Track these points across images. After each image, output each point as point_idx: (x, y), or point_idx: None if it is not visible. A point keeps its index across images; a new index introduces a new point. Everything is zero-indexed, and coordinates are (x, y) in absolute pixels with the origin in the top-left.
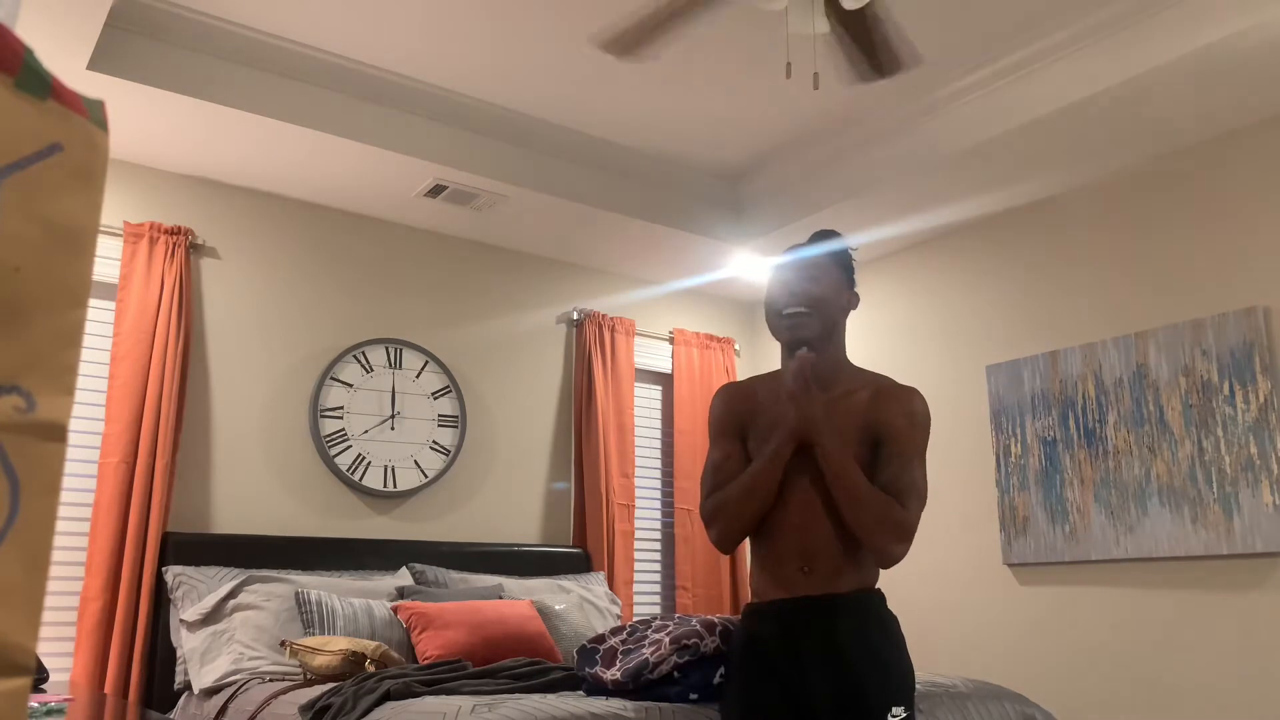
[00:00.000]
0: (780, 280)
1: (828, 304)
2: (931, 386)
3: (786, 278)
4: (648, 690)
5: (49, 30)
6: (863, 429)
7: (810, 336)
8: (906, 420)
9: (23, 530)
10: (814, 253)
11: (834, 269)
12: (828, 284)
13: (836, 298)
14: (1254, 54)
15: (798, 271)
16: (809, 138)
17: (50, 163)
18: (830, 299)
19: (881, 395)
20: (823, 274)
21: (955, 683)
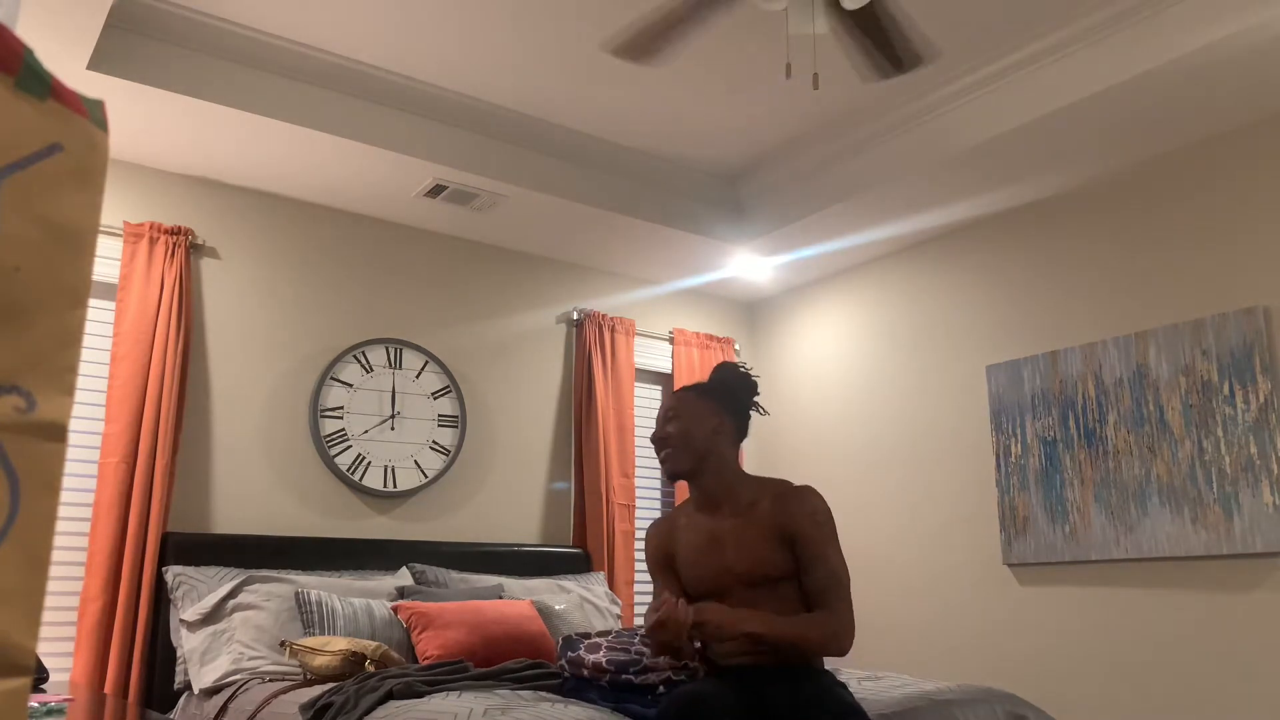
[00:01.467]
0: (662, 411)
1: (688, 437)
2: (931, 386)
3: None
4: (621, 691)
5: (49, 30)
6: (772, 532)
7: (677, 471)
8: (811, 521)
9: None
10: (676, 400)
11: (696, 403)
12: (687, 419)
13: (698, 428)
14: (1254, 54)
15: (660, 413)
16: (809, 138)
17: (50, 163)
18: (691, 432)
19: (782, 500)
20: (681, 410)
21: (940, 688)
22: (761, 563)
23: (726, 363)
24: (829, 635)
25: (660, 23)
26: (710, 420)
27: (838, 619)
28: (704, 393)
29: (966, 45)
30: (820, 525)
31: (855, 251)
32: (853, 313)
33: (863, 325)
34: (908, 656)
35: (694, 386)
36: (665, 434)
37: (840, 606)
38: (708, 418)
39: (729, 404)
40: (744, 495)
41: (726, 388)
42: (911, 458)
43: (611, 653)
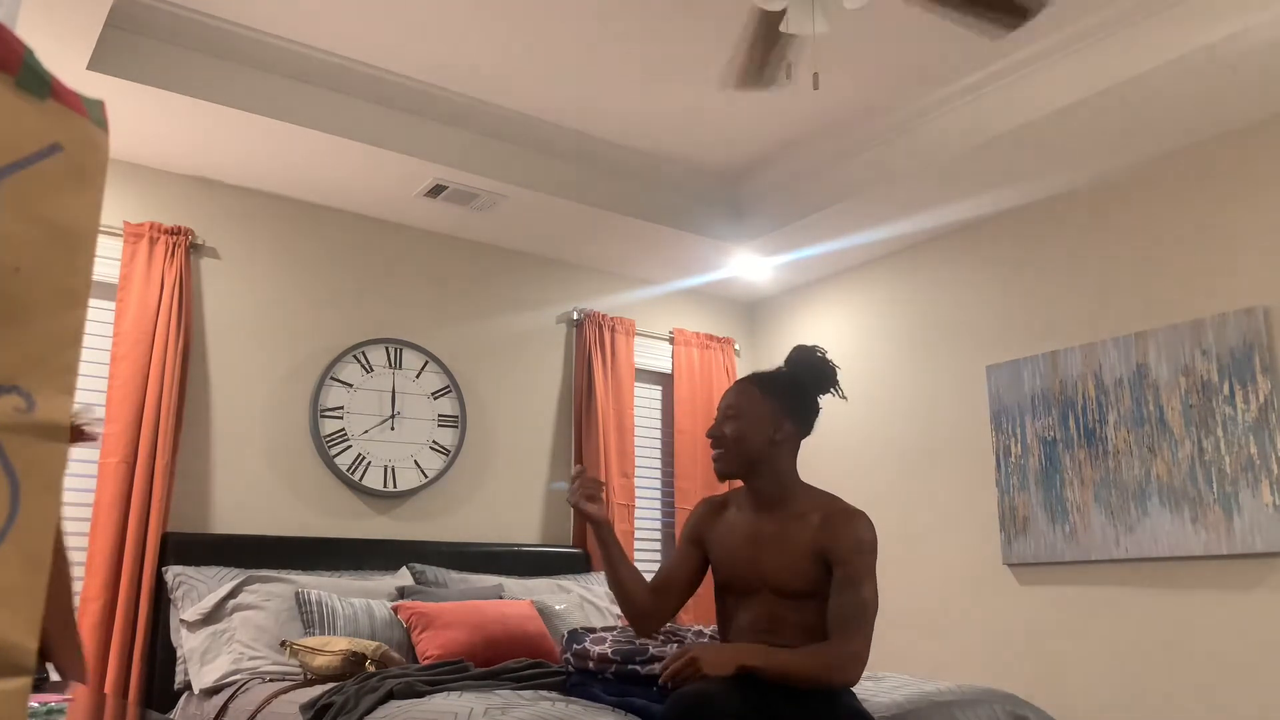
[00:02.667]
0: (721, 405)
1: (743, 443)
2: (931, 386)
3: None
4: (626, 683)
5: (49, 30)
6: (813, 550)
7: (728, 472)
8: (854, 548)
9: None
10: (738, 394)
11: (760, 403)
12: (746, 421)
13: (755, 434)
14: (1254, 54)
15: (720, 407)
16: (809, 138)
17: (50, 163)
18: (747, 437)
19: (830, 520)
20: (742, 410)
21: (940, 689)
22: (796, 576)
23: (803, 348)
24: (833, 666)
25: (753, 48)
26: (769, 425)
27: (847, 648)
28: (769, 390)
29: (966, 46)
30: (862, 554)
31: (855, 251)
32: (853, 313)
33: (862, 325)
34: (908, 656)
35: (761, 379)
36: (720, 433)
37: (855, 636)
38: (767, 421)
39: (796, 404)
40: (794, 504)
41: (797, 385)
42: (912, 458)
43: (617, 644)
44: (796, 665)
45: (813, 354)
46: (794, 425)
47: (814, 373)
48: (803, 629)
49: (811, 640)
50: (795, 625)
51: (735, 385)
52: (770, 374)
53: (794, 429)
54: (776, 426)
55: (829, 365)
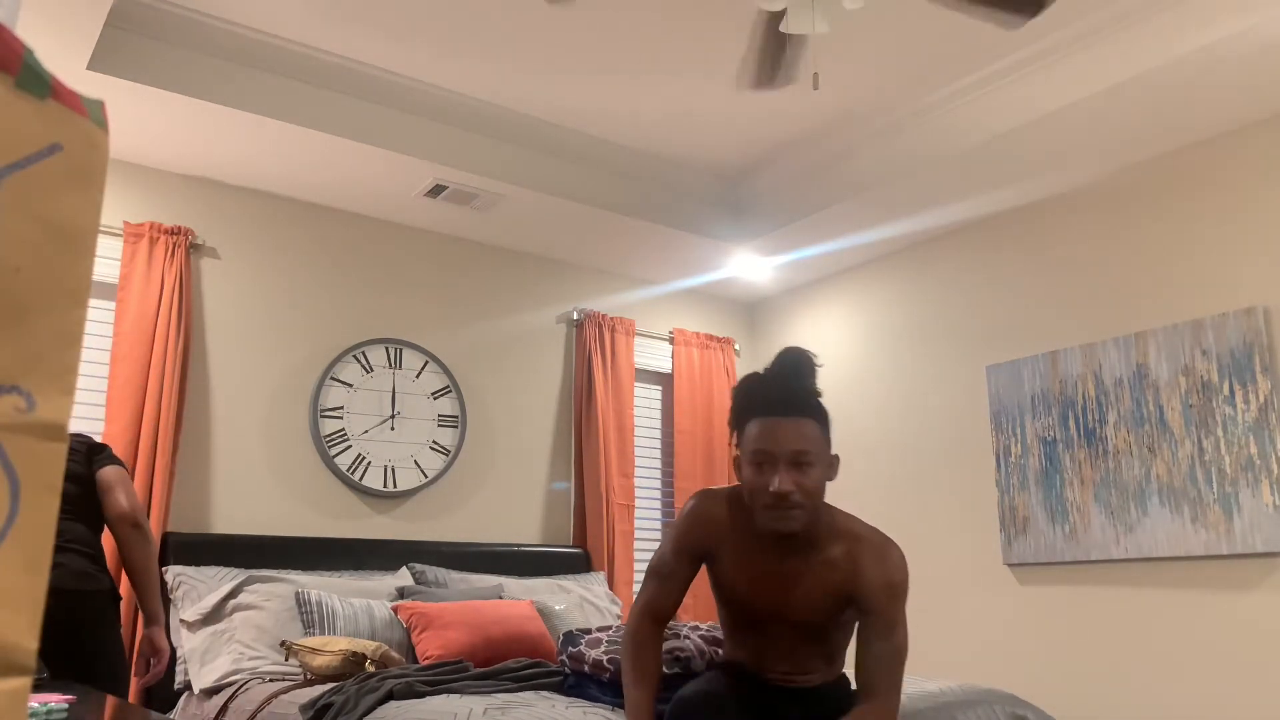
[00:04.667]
0: (767, 464)
1: (818, 495)
2: (931, 386)
3: (774, 463)
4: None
5: (49, 30)
6: (839, 588)
7: (798, 530)
8: (887, 594)
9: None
10: (805, 438)
11: (822, 443)
12: (819, 470)
13: (825, 479)
14: (1254, 54)
15: (789, 458)
16: (809, 138)
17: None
18: (821, 486)
19: (857, 557)
20: (815, 458)
21: (941, 689)
22: (818, 614)
23: (804, 355)
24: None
25: (765, 48)
26: (830, 459)
27: (890, 704)
28: (824, 421)
29: (966, 46)
30: (896, 597)
31: (855, 251)
32: (853, 313)
33: (863, 325)
34: (908, 656)
35: (816, 410)
36: (799, 485)
37: (895, 691)
38: (829, 454)
39: (828, 424)
40: (823, 540)
41: (822, 406)
42: (912, 458)
43: (611, 649)
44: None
45: (812, 362)
46: (836, 461)
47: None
48: (824, 658)
49: (831, 666)
50: (818, 656)
51: (794, 422)
52: (813, 400)
53: (837, 466)
54: (832, 464)
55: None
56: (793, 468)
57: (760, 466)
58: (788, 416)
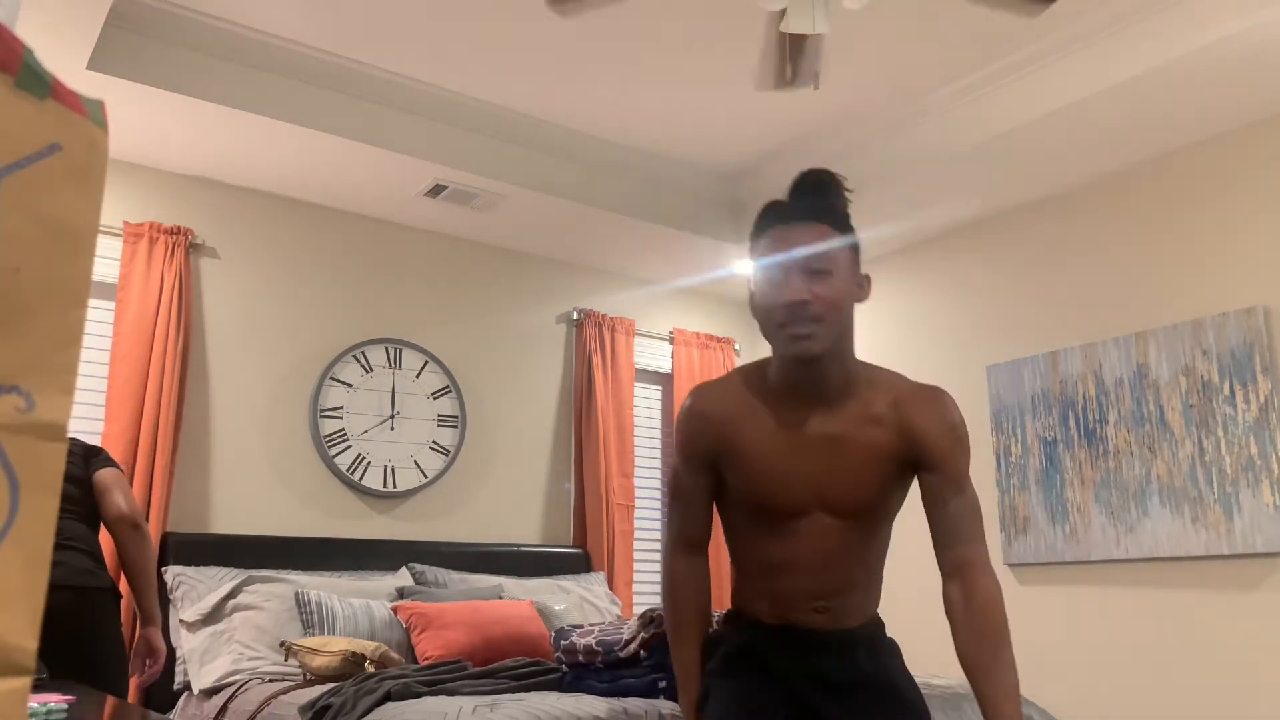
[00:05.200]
0: (778, 275)
1: (840, 309)
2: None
3: (786, 272)
4: (616, 669)
5: (49, 29)
6: (890, 452)
7: (820, 353)
8: (951, 439)
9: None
10: (822, 242)
11: (845, 254)
12: (840, 280)
13: (849, 293)
14: (1253, 54)
15: (803, 264)
16: (809, 138)
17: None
18: (843, 299)
19: (907, 406)
20: (834, 265)
21: (951, 683)
22: (865, 489)
23: (820, 171)
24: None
25: (780, 49)
26: (857, 281)
27: (989, 577)
28: (849, 231)
29: (966, 46)
30: (960, 443)
31: None
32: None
33: (862, 325)
34: (908, 657)
35: (838, 219)
36: (817, 295)
37: (983, 544)
38: (855, 277)
39: (856, 242)
40: (858, 391)
41: (849, 221)
42: None
43: (603, 635)
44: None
45: (836, 178)
46: (867, 281)
47: (844, 202)
48: (865, 571)
49: (869, 591)
50: (856, 557)
51: (807, 226)
52: (838, 205)
53: (868, 286)
54: (861, 282)
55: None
56: (808, 276)
57: (772, 282)
58: (802, 222)
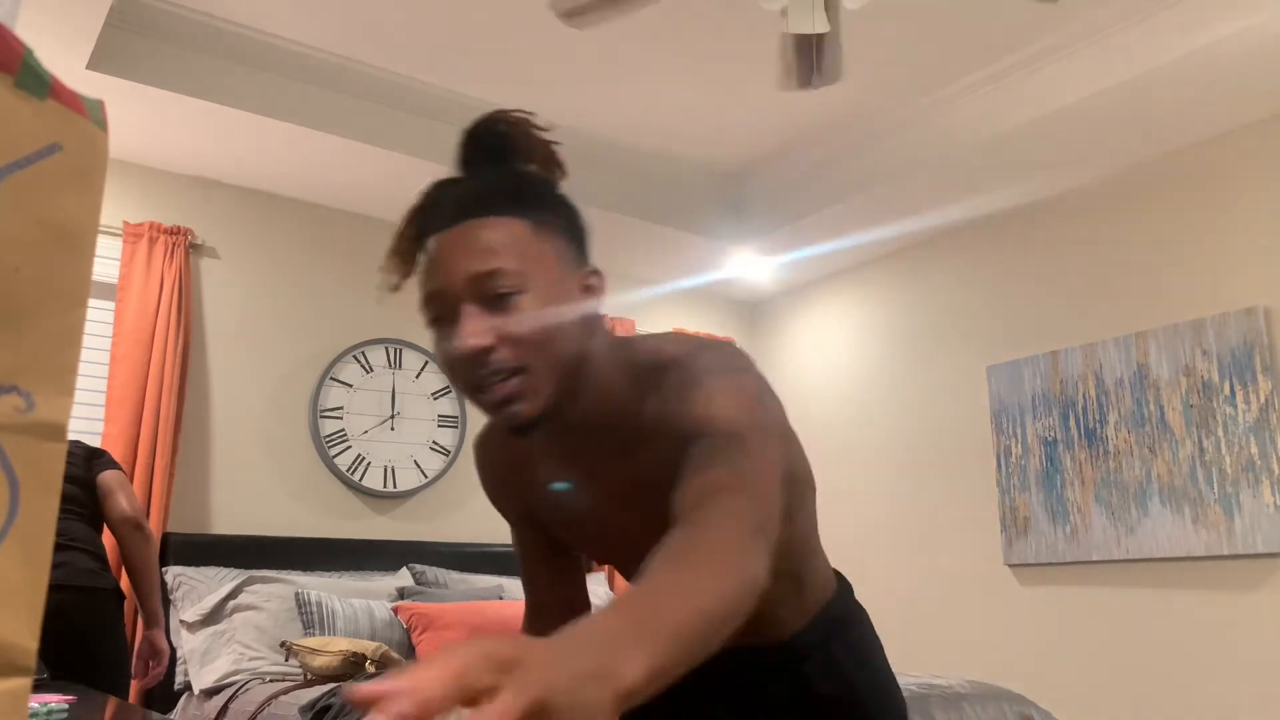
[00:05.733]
0: (433, 284)
1: (550, 341)
2: (932, 386)
3: (453, 308)
4: None
5: (49, 29)
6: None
7: (537, 414)
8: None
9: (22, 530)
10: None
11: (538, 252)
12: (538, 296)
13: (558, 311)
14: (1253, 54)
15: (474, 291)
16: (809, 138)
17: (49, 163)
18: (551, 325)
19: (668, 393)
20: (521, 278)
21: (952, 683)
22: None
23: (489, 124)
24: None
25: (800, 48)
26: (575, 274)
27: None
28: (537, 208)
29: (966, 46)
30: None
31: (855, 251)
32: (853, 313)
33: (863, 325)
34: (908, 657)
35: (515, 197)
36: (503, 335)
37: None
38: (572, 268)
39: (569, 221)
40: (621, 400)
41: (551, 187)
42: (912, 458)
43: None
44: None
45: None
46: (592, 277)
47: (544, 158)
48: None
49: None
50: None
51: (468, 228)
52: (518, 179)
53: (597, 283)
54: (585, 282)
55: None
56: (487, 307)
57: (440, 323)
58: (462, 222)
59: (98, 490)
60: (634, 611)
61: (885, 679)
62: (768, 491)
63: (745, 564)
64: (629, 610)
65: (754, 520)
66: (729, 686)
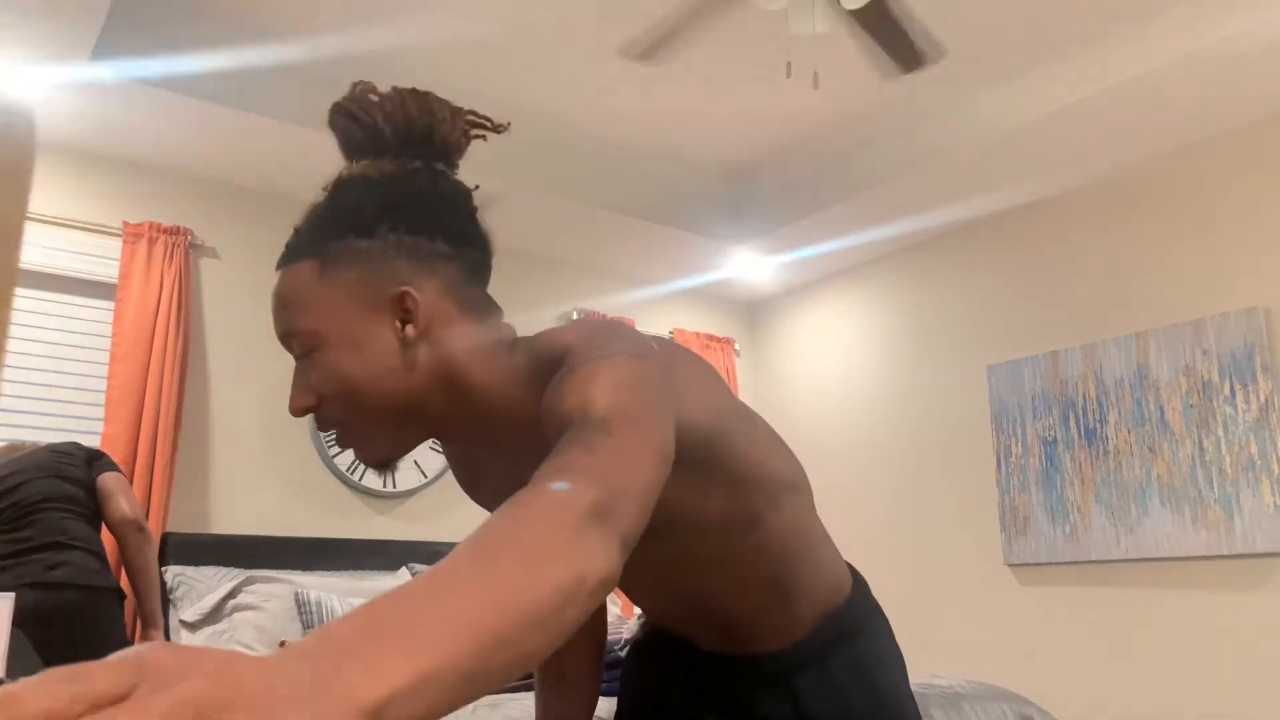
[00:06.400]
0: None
1: (356, 390)
2: (932, 386)
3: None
4: (616, 669)
5: (50, 27)
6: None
7: (389, 456)
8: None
9: None
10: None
11: (323, 295)
12: (334, 347)
13: (358, 357)
14: (1254, 54)
15: (278, 331)
16: (809, 138)
17: None
18: (352, 373)
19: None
20: (316, 335)
21: (952, 682)
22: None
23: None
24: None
25: (672, 27)
26: (373, 304)
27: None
28: (333, 242)
29: (966, 47)
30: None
31: (856, 251)
32: (853, 312)
33: (863, 325)
34: (908, 657)
35: (315, 237)
36: (316, 390)
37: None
38: (366, 301)
39: (403, 214)
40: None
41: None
42: (912, 458)
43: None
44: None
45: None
46: (429, 264)
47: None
48: (734, 574)
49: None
50: (710, 561)
51: (279, 284)
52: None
53: (439, 271)
54: (396, 310)
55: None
56: (303, 365)
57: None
58: (280, 272)
59: (98, 492)
60: (388, 612)
61: (893, 701)
62: (624, 475)
63: (569, 552)
64: (382, 611)
65: (591, 505)
66: (725, 696)
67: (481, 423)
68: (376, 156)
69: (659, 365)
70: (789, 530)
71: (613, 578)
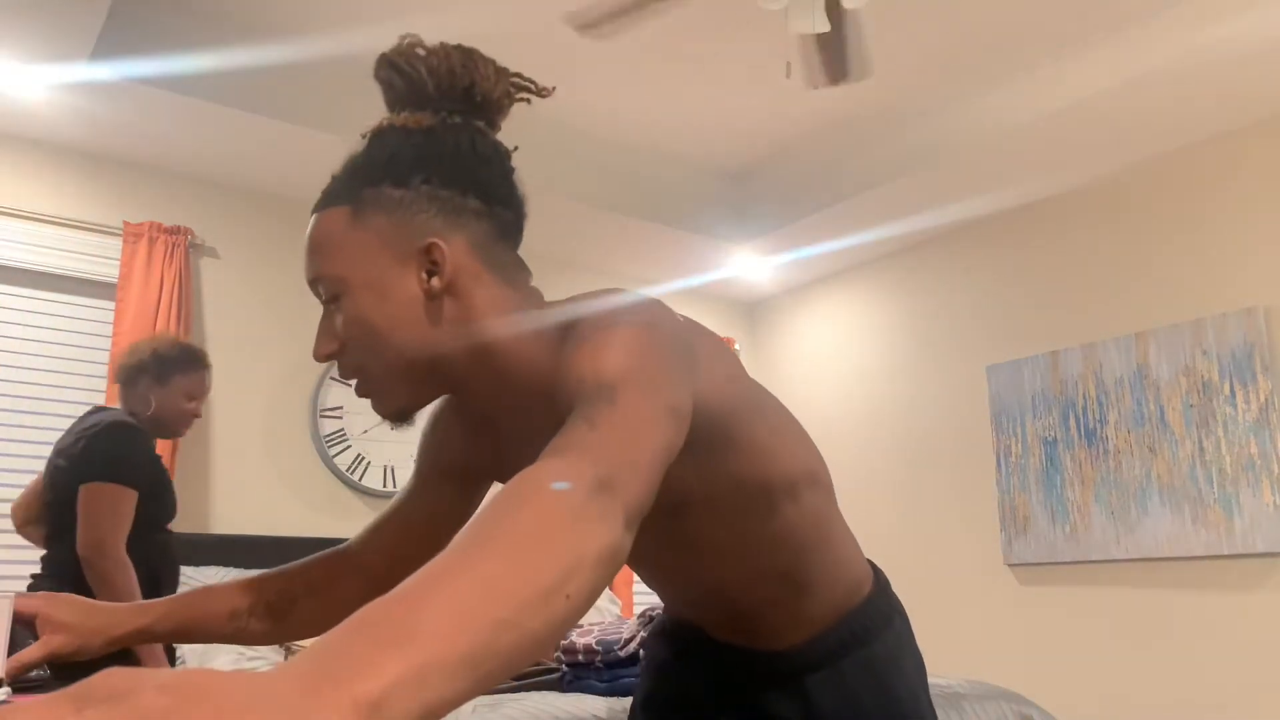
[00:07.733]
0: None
1: (377, 338)
2: (932, 386)
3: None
4: (616, 669)
5: (49, 27)
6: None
7: (402, 409)
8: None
9: None
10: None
11: (354, 240)
12: (358, 295)
13: (381, 304)
14: (1254, 54)
15: (320, 294)
16: (809, 138)
17: None
18: (374, 320)
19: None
20: (343, 282)
21: (952, 682)
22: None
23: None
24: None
25: (625, 6)
26: (400, 254)
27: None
28: (362, 190)
29: (966, 47)
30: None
31: (856, 251)
32: (853, 313)
33: (863, 325)
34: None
35: (342, 189)
36: (339, 335)
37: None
38: (392, 251)
39: (443, 172)
40: (542, 369)
41: (386, 152)
42: (912, 458)
43: (603, 634)
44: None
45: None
46: (460, 219)
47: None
48: (746, 562)
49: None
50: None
51: (311, 228)
52: (358, 158)
53: (469, 227)
54: (422, 265)
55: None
56: (330, 310)
57: None
58: (311, 222)
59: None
60: (379, 612)
61: (909, 706)
62: (627, 445)
63: (565, 528)
64: (373, 612)
65: (590, 482)
66: (737, 692)
67: (503, 385)
68: (418, 109)
69: (675, 333)
70: (806, 523)
71: (620, 548)
